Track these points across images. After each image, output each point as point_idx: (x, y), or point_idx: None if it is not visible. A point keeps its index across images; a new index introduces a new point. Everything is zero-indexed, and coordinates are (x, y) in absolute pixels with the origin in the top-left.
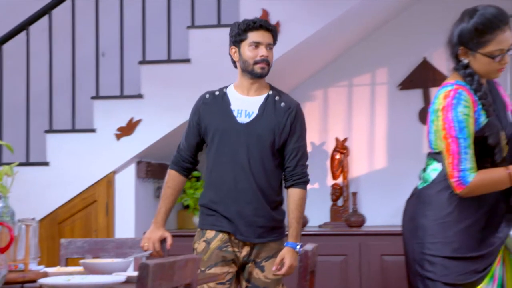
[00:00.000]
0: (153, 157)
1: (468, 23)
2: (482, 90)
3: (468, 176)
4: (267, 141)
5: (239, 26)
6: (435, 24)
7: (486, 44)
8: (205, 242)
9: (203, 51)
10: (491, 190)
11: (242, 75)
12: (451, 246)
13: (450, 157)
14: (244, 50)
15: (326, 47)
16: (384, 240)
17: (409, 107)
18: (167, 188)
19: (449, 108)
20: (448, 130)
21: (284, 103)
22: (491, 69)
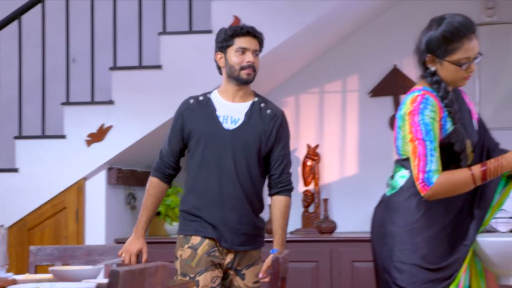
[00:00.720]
0: (124, 164)
1: (436, 31)
2: (448, 98)
3: (433, 177)
4: (253, 148)
5: (226, 32)
6: (405, 32)
7: (453, 52)
8: (190, 248)
9: (174, 57)
10: (455, 192)
11: (227, 81)
12: (420, 253)
13: (416, 160)
14: (231, 55)
15: (297, 54)
16: (355, 247)
17: (380, 114)
18: (149, 196)
19: (416, 112)
20: (414, 133)
21: (270, 110)
22: (458, 77)
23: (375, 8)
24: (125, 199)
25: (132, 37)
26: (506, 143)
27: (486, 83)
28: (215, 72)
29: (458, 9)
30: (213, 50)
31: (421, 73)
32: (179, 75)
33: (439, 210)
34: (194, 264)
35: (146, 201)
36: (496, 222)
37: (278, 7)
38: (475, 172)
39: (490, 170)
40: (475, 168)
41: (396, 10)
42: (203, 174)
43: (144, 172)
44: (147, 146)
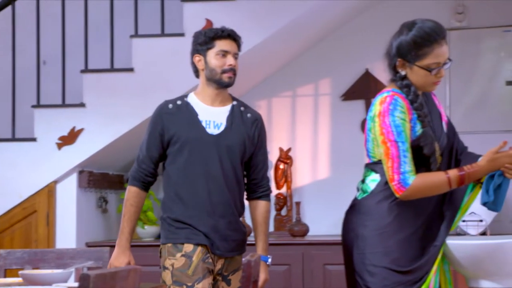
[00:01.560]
0: (95, 167)
1: (407, 35)
2: (418, 101)
3: (408, 178)
4: (238, 153)
5: (205, 34)
6: (377, 36)
7: (424, 57)
8: (184, 256)
9: (146, 60)
10: (430, 194)
11: (207, 84)
12: (391, 256)
13: (390, 161)
14: (211, 58)
15: (270, 57)
16: (327, 250)
17: (352, 118)
18: (130, 206)
19: (386, 114)
20: (386, 135)
21: (250, 114)
22: (427, 81)
23: (347, 12)
24: (97, 202)
25: (104, 40)
26: (476, 147)
27: (456, 87)
28: (188, 75)
29: (428, 14)
30: (186, 53)
31: (391, 77)
32: (151, 78)
33: (410, 213)
34: (191, 272)
35: (127, 212)
36: (467, 225)
37: (251, 11)
38: (451, 176)
39: (469, 176)
40: (451, 172)
41: (368, 14)
42: (189, 180)
43: (116, 175)
44: (118, 149)
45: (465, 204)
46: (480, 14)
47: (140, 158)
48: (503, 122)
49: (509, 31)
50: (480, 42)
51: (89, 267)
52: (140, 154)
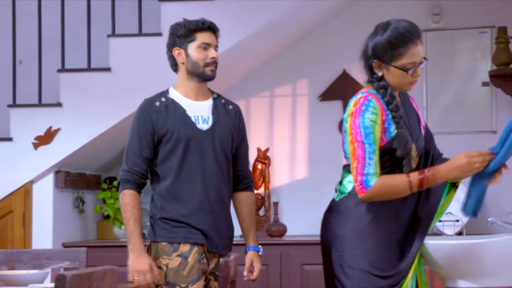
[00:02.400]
0: (72, 167)
1: (382, 36)
2: (394, 103)
3: (371, 180)
4: (228, 147)
5: (186, 26)
6: (354, 37)
7: (400, 57)
8: (180, 256)
9: (123, 60)
10: (391, 197)
11: (188, 78)
12: (369, 259)
13: (355, 162)
14: (192, 51)
15: (248, 57)
16: (304, 250)
17: (329, 118)
18: (133, 209)
19: (357, 114)
20: (354, 135)
21: (231, 106)
22: (404, 81)
23: (324, 13)
24: (73, 202)
25: (81, 39)
26: (452, 147)
27: (433, 88)
28: (165, 74)
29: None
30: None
31: (367, 78)
32: (129, 77)
33: (388, 214)
34: (185, 273)
35: (132, 215)
36: (443, 225)
37: (228, 11)
38: (412, 179)
39: (428, 179)
40: (413, 175)
41: (345, 15)
42: (185, 178)
43: (93, 175)
44: (96, 149)
45: (440, 208)
46: (456, 15)
47: (131, 160)
48: (479, 123)
49: (485, 32)
50: (456, 43)
51: (65, 267)
52: (131, 156)
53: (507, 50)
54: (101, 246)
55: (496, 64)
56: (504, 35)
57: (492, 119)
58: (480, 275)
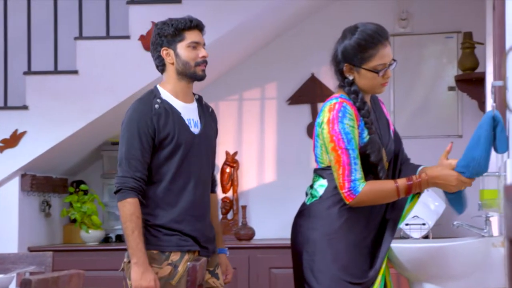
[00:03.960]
0: (38, 170)
1: (351, 40)
2: (365, 108)
3: (358, 186)
4: (214, 151)
5: (173, 25)
6: (323, 41)
7: (370, 59)
8: (170, 265)
9: (91, 62)
10: (379, 202)
11: (178, 79)
12: (340, 263)
13: (341, 168)
14: (182, 51)
15: (216, 61)
16: (272, 253)
17: (298, 122)
18: (137, 219)
19: (336, 121)
20: (337, 142)
21: (210, 109)
22: (375, 84)
23: (292, 17)
24: (39, 206)
25: (48, 41)
26: (419, 151)
27: (400, 92)
28: (133, 77)
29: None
30: (131, 56)
31: (338, 83)
32: (96, 80)
33: (359, 218)
34: (174, 282)
35: (137, 227)
36: (410, 229)
37: (197, 14)
38: (400, 185)
39: (416, 185)
40: (400, 181)
41: (314, 19)
42: (181, 184)
43: (59, 179)
44: (62, 153)
45: (405, 212)
46: (423, 20)
47: (134, 165)
48: (446, 127)
49: (451, 37)
50: (423, 48)
51: (31, 272)
52: (133, 162)
53: (473, 55)
54: (68, 250)
55: (462, 69)
56: (469, 40)
57: (458, 123)
58: (446, 278)
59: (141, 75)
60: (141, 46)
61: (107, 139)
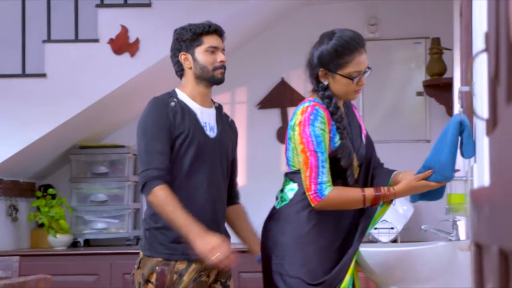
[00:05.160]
0: (5, 174)
1: (328, 45)
2: (338, 113)
3: (325, 189)
4: (230, 159)
5: (191, 30)
6: (293, 46)
7: (345, 65)
8: (176, 273)
9: (59, 66)
10: (344, 208)
11: (196, 83)
12: (307, 267)
13: (308, 170)
14: (200, 56)
15: None
16: (242, 257)
17: (268, 126)
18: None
19: (307, 123)
20: (306, 144)
21: (230, 119)
22: (349, 90)
23: (263, 22)
24: (6, 210)
25: (15, 44)
26: (388, 156)
27: (370, 97)
28: (102, 81)
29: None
30: (100, 59)
31: (313, 87)
32: (64, 84)
33: (329, 223)
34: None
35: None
36: (378, 233)
37: (167, 18)
38: (367, 194)
39: (383, 197)
40: (368, 190)
41: (284, 24)
42: (191, 187)
43: (27, 183)
44: (30, 156)
45: (375, 218)
46: (392, 26)
47: (156, 158)
48: (414, 131)
49: (419, 43)
50: (391, 53)
51: None
52: (154, 155)
53: (441, 61)
54: (35, 255)
55: (430, 74)
56: (437, 46)
57: (426, 128)
58: (414, 281)
59: (110, 78)
60: (110, 49)
61: (75, 143)
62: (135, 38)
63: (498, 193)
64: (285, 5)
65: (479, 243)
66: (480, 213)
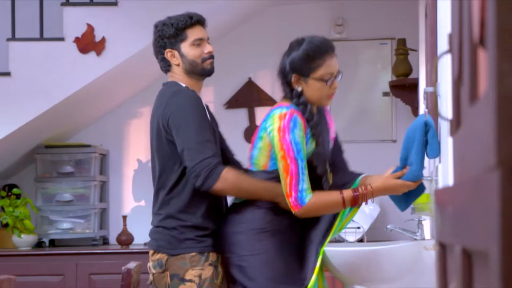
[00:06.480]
0: None
1: (298, 50)
2: (313, 120)
3: (305, 197)
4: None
5: (173, 25)
6: (259, 45)
7: (317, 68)
8: (211, 265)
9: (24, 64)
10: (325, 212)
11: (189, 78)
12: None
13: (289, 177)
14: (187, 49)
15: (153, 64)
16: None
17: (235, 126)
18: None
19: (287, 130)
20: (287, 151)
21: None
22: (322, 95)
23: (229, 22)
24: None
25: None
26: (354, 156)
27: (336, 97)
28: (67, 80)
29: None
30: (65, 58)
31: (285, 94)
32: (29, 82)
33: (284, 220)
34: (219, 282)
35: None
36: (345, 233)
37: (133, 16)
38: (346, 196)
39: (362, 196)
40: (346, 192)
41: (251, 24)
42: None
43: None
44: None
45: (345, 220)
46: (358, 26)
47: (210, 148)
48: (380, 132)
49: (385, 43)
50: (358, 54)
51: None
52: (205, 144)
53: (406, 61)
54: None
55: (396, 75)
56: (403, 47)
57: (392, 128)
58: (379, 280)
59: (75, 77)
60: (76, 48)
61: (40, 142)
62: (101, 37)
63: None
64: (252, 5)
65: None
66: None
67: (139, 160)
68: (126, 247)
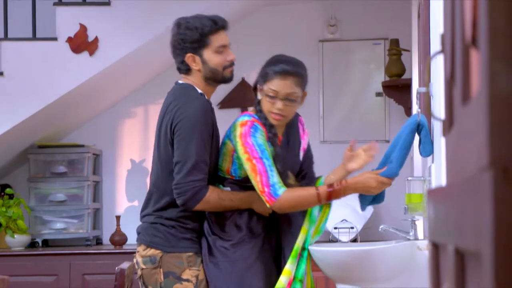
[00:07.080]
0: None
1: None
2: (267, 123)
3: (278, 189)
4: None
5: (198, 30)
6: (253, 45)
7: (267, 81)
8: None
9: (17, 64)
10: (300, 208)
11: (206, 84)
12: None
13: (258, 176)
14: (210, 56)
15: (146, 64)
16: None
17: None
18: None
19: (248, 135)
20: (251, 153)
21: None
22: (267, 109)
23: None
24: None
25: None
26: None
27: (329, 98)
28: (60, 80)
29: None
30: (58, 58)
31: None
32: (22, 83)
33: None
34: None
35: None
36: (339, 232)
37: (126, 17)
38: (321, 191)
39: (336, 191)
40: (321, 188)
41: (245, 23)
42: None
43: None
44: None
45: (317, 223)
46: (351, 27)
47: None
48: (373, 132)
49: (378, 44)
50: (351, 54)
51: None
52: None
53: (399, 62)
54: None
55: (389, 75)
56: (396, 47)
57: (386, 128)
58: (373, 280)
59: (68, 77)
60: (69, 48)
61: (33, 142)
62: (94, 37)
63: (454, 193)
64: (245, 5)
65: (436, 243)
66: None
67: (132, 160)
68: (120, 247)
